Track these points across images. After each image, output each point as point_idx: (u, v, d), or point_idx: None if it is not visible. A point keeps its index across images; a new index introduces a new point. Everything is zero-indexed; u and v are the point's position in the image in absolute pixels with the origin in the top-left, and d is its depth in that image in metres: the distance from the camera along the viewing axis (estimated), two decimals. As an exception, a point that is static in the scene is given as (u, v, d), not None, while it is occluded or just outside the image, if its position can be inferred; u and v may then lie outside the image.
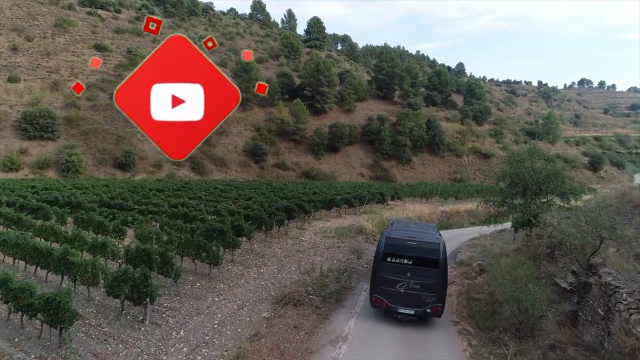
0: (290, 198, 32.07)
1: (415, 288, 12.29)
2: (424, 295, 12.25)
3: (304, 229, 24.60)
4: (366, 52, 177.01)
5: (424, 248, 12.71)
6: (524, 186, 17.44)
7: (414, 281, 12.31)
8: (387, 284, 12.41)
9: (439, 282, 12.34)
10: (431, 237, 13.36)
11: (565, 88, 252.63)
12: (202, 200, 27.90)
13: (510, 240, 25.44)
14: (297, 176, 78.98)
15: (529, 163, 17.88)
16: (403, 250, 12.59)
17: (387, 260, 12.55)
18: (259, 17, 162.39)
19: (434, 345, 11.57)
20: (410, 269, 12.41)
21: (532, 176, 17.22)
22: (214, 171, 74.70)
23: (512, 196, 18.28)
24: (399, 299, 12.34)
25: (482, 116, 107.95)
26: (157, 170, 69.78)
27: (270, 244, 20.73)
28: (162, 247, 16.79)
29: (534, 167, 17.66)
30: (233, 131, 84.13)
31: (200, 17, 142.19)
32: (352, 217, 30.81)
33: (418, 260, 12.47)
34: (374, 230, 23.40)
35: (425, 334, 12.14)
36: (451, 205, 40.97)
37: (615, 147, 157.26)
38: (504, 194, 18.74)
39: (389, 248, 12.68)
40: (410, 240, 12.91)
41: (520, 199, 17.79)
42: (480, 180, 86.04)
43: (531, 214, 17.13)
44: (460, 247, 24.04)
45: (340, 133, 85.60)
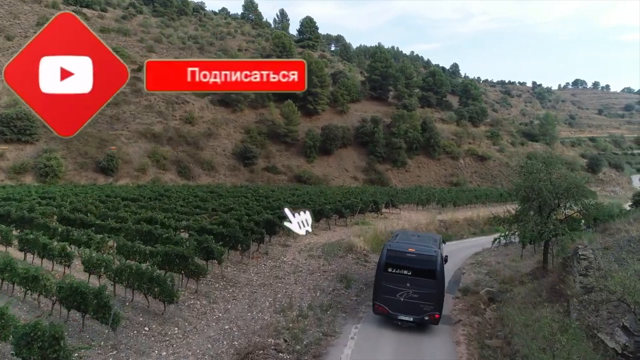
0: (275, 209, 29.35)
1: (414, 297, 12.91)
2: (422, 304, 12.87)
3: (288, 245, 21.86)
4: (360, 52, 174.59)
5: (422, 260, 13.25)
6: (540, 202, 14.81)
7: (413, 290, 12.95)
8: (389, 292, 13.09)
9: (436, 292, 12.97)
10: (429, 250, 13.74)
11: (560, 89, 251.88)
12: (175, 213, 25.08)
13: (517, 256, 22.89)
14: (289, 180, 76.15)
15: (545, 174, 15.25)
16: (403, 261, 13.25)
17: (388, 270, 13.27)
18: (251, 17, 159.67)
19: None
20: (410, 279, 13.07)
21: (550, 190, 14.64)
22: (201, 175, 71.74)
23: (525, 213, 15.59)
24: (400, 307, 12.98)
25: (478, 117, 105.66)
26: (141, 175, 66.76)
27: (246, 266, 17.99)
28: (110, 277, 14.02)
29: (551, 179, 15.06)
30: (222, 133, 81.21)
31: (191, 17, 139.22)
32: (343, 229, 28.11)
33: (416, 271, 13.12)
34: (366, 248, 20.68)
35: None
36: (450, 213, 38.39)
37: (611, 148, 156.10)
38: (517, 211, 16.03)
39: (390, 259, 13.37)
40: (410, 252, 13.45)
41: (536, 215, 15.13)
42: (478, 184, 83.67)
43: (550, 234, 14.49)
44: (463, 266, 21.41)
45: (333, 135, 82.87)
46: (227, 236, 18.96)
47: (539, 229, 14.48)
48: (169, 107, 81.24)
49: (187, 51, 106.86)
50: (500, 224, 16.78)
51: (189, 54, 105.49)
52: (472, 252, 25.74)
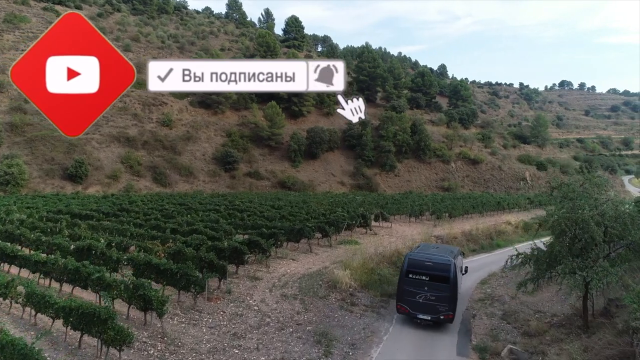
0: (249, 227, 25.40)
1: (431, 299, 14.40)
2: (437, 305, 14.36)
3: (258, 278, 17.89)
4: (347, 53, 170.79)
5: (438, 267, 14.80)
6: (586, 240, 11.10)
7: (430, 293, 14.45)
8: (409, 295, 14.66)
9: (449, 295, 14.43)
10: (444, 259, 15.22)
11: (547, 90, 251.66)
12: (124, 238, 20.93)
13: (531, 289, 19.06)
14: (272, 186, 72.09)
15: (592, 201, 11.55)
16: (421, 268, 14.85)
17: (409, 276, 14.89)
18: (235, 17, 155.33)
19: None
20: (427, 283, 14.59)
21: (599, 223, 10.99)
22: (179, 182, 67.33)
23: (564, 254, 11.69)
24: (419, 307, 14.53)
25: (469, 119, 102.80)
26: (113, 182, 62.13)
27: (199, 315, 13.99)
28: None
29: (600, 207, 11.37)
30: (201, 137, 76.83)
31: (172, 15, 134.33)
32: (327, 250, 24.25)
33: (433, 277, 14.65)
34: (353, 284, 16.80)
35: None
36: (446, 226, 34.74)
37: (599, 149, 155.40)
38: (552, 254, 12.01)
39: (410, 267, 14.98)
40: (427, 261, 15.07)
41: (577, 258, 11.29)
42: (470, 189, 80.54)
43: (600, 282, 10.72)
44: (471, 303, 17.63)
45: (319, 138, 79.02)
46: (177, 273, 14.98)
47: (584, 275, 10.76)
48: (145, 109, 76.64)
49: (166, 50, 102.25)
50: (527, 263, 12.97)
51: (168, 54, 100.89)
52: (478, 278, 22.03)
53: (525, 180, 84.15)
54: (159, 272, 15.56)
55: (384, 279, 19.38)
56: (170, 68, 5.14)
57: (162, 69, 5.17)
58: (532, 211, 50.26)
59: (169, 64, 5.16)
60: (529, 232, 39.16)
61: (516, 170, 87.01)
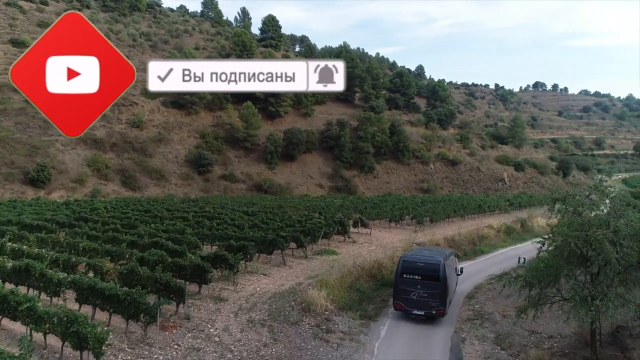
0: (217, 238, 23.34)
1: (424, 296, 15.83)
2: (430, 301, 15.76)
3: (223, 300, 15.91)
4: (325, 53, 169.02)
5: (429, 268, 16.21)
6: (600, 262, 9.50)
7: (423, 291, 15.87)
8: (405, 293, 16.11)
9: (440, 292, 15.84)
10: (435, 260, 16.55)
11: (521, 91, 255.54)
12: (72, 254, 18.60)
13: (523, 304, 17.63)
14: (248, 189, 69.80)
15: (604, 218, 9.97)
16: (414, 269, 16.29)
17: (404, 276, 16.29)
18: (211, 15, 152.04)
19: None
20: (420, 282, 16.00)
21: (613, 242, 9.47)
22: (149, 186, 64.39)
23: (574, 280, 10.06)
24: (413, 304, 15.94)
25: (447, 120, 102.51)
26: (78, 187, 58.87)
27: (150, 349, 11.94)
28: None
29: (614, 224, 9.79)
30: (174, 138, 73.97)
31: (144, 13, 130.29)
32: (302, 262, 22.42)
33: (425, 276, 16.07)
34: (329, 306, 14.94)
35: None
36: (427, 232, 33.35)
37: (572, 149, 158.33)
38: (556, 275, 10.28)
39: (404, 268, 16.43)
40: (419, 262, 16.58)
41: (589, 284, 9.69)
42: (449, 190, 79.86)
43: (615, 311, 9.16)
44: (459, 323, 16.00)
45: (296, 139, 77.06)
46: (125, 300, 12.90)
47: (598, 305, 9.20)
48: (114, 110, 73.09)
49: (137, 49, 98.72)
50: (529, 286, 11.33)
51: (139, 52, 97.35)
52: (464, 291, 20.54)
53: (503, 181, 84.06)
54: (104, 298, 13.45)
55: (364, 296, 17.69)
56: (170, 68, 5.11)
57: (162, 69, 5.11)
58: (512, 213, 49.57)
59: (169, 64, 5.16)
60: (511, 236, 38.26)
61: (494, 171, 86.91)
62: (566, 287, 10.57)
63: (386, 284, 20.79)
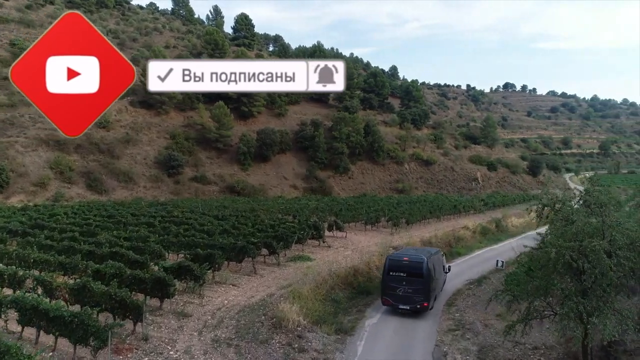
0: (184, 246, 21.93)
1: (409, 292, 17.09)
2: (414, 296, 17.02)
3: (187, 315, 14.62)
4: (299, 52, 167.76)
5: (413, 265, 17.46)
6: (596, 275, 8.73)
7: (408, 287, 17.12)
8: (391, 289, 17.37)
9: (423, 287, 17.11)
10: (418, 259, 17.83)
11: (492, 91, 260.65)
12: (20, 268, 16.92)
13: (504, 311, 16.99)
14: (220, 191, 67.97)
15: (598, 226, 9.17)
16: (400, 267, 17.59)
17: (390, 273, 17.60)
18: (182, 14, 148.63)
19: None
20: (405, 279, 17.26)
21: (609, 253, 8.70)
22: (117, 188, 61.76)
23: (567, 295, 9.22)
24: (399, 299, 17.19)
25: (421, 120, 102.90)
26: (40, 190, 55.81)
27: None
28: None
29: (608, 233, 9.03)
30: (143, 139, 71.38)
31: (112, 10, 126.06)
32: (274, 270, 21.26)
33: (410, 273, 17.34)
34: (302, 322, 13.83)
35: None
36: (404, 234, 32.70)
37: (541, 148, 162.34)
38: (541, 286, 9.38)
39: (390, 266, 17.75)
40: (404, 260, 17.86)
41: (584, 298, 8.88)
42: (424, 190, 79.94)
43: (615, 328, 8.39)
44: (439, 335, 15.15)
45: (270, 140, 75.59)
46: (72, 322, 11.51)
47: (594, 322, 8.40)
48: (79, 110, 70.18)
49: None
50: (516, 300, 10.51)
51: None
52: (443, 298, 19.81)
53: (477, 181, 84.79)
54: (49, 320, 12.01)
55: (340, 307, 16.68)
56: (170, 68, 5.12)
57: (162, 68, 5.11)
58: (487, 213, 49.65)
59: (169, 64, 5.19)
60: (487, 237, 38.06)
61: (468, 171, 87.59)
62: (557, 299, 9.80)
63: (363, 291, 19.90)
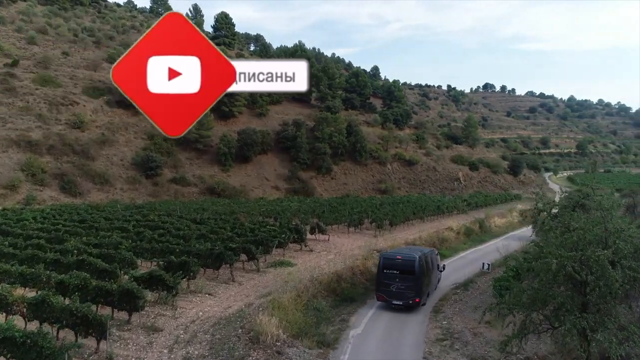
0: (157, 253, 20.77)
1: (402, 288, 18.07)
2: (407, 292, 18.03)
3: (157, 330, 13.56)
4: (280, 52, 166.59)
5: (405, 263, 18.53)
6: (601, 288, 8.05)
7: (401, 283, 18.11)
8: (385, 286, 18.38)
9: (415, 284, 18.11)
10: (411, 257, 18.92)
11: (472, 92, 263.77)
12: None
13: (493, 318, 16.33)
14: (200, 192, 66.47)
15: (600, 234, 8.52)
16: (393, 264, 18.66)
17: (384, 271, 18.60)
18: (161, 12, 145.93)
19: None
20: (398, 276, 18.19)
21: (614, 263, 8.06)
22: (92, 191, 59.64)
23: (567, 310, 8.52)
24: (393, 295, 18.15)
25: (403, 120, 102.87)
26: (10, 193, 53.42)
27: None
28: None
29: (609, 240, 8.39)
30: (119, 140, 69.36)
31: (88, 7, 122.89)
32: (254, 277, 20.30)
33: (402, 271, 18.29)
34: (282, 336, 12.91)
35: None
36: (388, 236, 32.06)
37: (520, 148, 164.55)
38: (539, 299, 8.65)
39: (384, 264, 18.80)
40: (397, 258, 19.04)
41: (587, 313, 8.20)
42: (407, 190, 79.68)
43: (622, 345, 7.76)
44: (427, 346, 14.40)
45: (251, 140, 74.30)
46: (24, 343, 10.37)
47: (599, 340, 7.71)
48: (53, 109, 67.84)
49: (79, 44, 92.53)
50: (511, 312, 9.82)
51: (81, 47, 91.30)
52: (429, 305, 19.13)
53: (459, 181, 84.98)
54: (1, 342, 10.84)
55: (322, 316, 15.79)
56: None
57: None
58: (470, 213, 49.45)
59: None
60: (471, 237, 37.73)
61: (450, 171, 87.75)
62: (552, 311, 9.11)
63: (346, 298, 19.12)
